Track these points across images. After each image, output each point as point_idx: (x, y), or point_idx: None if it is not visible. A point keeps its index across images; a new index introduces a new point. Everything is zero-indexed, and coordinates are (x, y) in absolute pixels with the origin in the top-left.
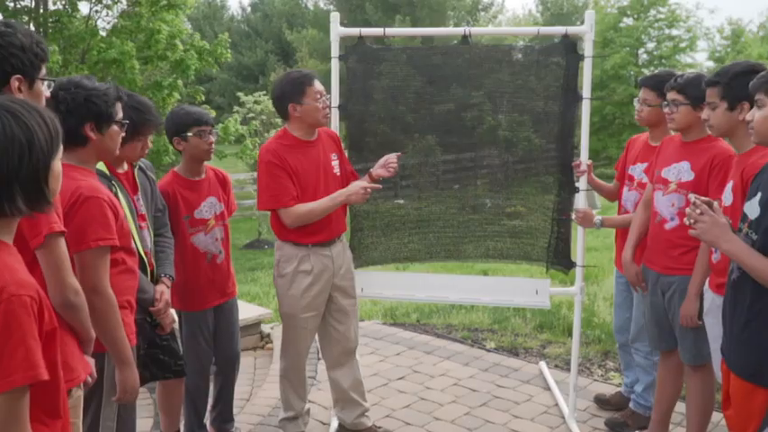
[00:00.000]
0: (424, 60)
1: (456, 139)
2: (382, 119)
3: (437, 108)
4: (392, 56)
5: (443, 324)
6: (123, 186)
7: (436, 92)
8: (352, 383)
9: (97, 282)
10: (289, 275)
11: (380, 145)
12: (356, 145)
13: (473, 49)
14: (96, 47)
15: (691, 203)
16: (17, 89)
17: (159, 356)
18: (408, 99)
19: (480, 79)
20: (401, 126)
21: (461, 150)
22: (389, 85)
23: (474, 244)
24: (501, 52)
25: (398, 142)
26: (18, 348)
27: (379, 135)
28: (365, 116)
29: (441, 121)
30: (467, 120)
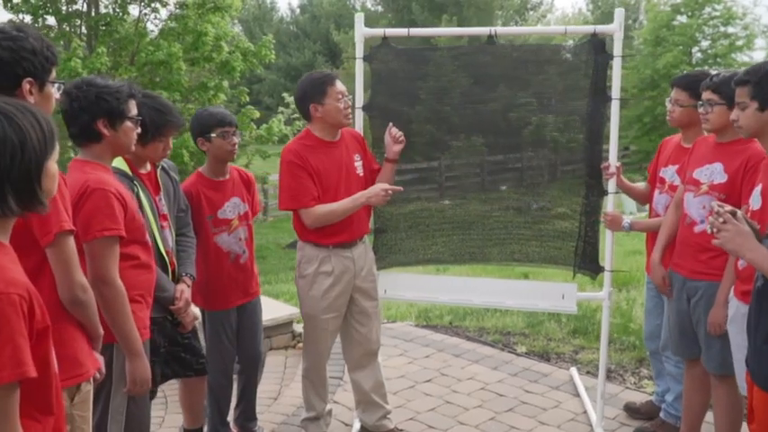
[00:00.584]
0: (451, 61)
1: (502, 139)
2: (425, 119)
3: (479, 108)
4: (423, 57)
5: (476, 327)
6: (145, 186)
7: (459, 92)
8: (374, 385)
9: (105, 272)
10: (309, 276)
11: (426, 145)
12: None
13: (499, 49)
14: (144, 49)
15: (713, 212)
16: (28, 92)
17: (181, 354)
18: (428, 99)
19: (509, 79)
20: (434, 127)
21: (508, 151)
22: (423, 86)
23: (499, 247)
24: (530, 52)
25: (442, 142)
26: (6, 346)
27: (424, 135)
28: (410, 116)
29: (485, 121)
30: (512, 120)
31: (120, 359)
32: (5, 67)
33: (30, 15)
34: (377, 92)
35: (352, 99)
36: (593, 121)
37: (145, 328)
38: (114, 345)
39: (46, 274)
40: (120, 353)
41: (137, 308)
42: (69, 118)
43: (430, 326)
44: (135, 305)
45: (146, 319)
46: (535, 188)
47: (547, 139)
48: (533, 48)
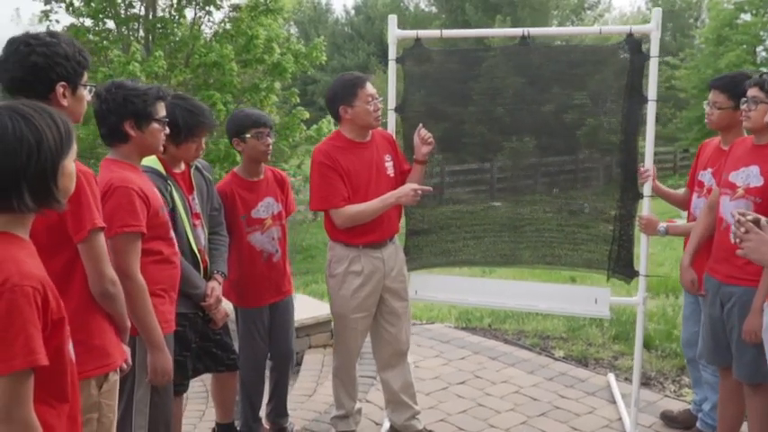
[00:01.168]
0: (504, 61)
1: (553, 141)
2: (477, 120)
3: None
4: (476, 57)
5: (515, 330)
6: (179, 185)
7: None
8: (403, 385)
9: (126, 266)
10: (339, 276)
11: (476, 146)
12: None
13: (553, 50)
14: (198, 51)
15: (734, 221)
16: (62, 95)
17: (212, 350)
18: (456, 100)
19: (563, 80)
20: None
21: (559, 153)
22: (475, 87)
23: (531, 250)
24: (588, 52)
25: (494, 143)
26: (19, 335)
27: (476, 136)
28: (463, 117)
29: (538, 122)
30: (566, 121)
31: (142, 351)
32: (40, 72)
33: (90, 19)
34: (410, 93)
35: (385, 100)
36: (628, 123)
37: (167, 322)
38: (137, 337)
39: (78, 269)
40: (143, 345)
41: (158, 302)
42: (99, 119)
43: (469, 328)
44: (157, 299)
45: (167, 312)
46: (587, 190)
47: (600, 140)
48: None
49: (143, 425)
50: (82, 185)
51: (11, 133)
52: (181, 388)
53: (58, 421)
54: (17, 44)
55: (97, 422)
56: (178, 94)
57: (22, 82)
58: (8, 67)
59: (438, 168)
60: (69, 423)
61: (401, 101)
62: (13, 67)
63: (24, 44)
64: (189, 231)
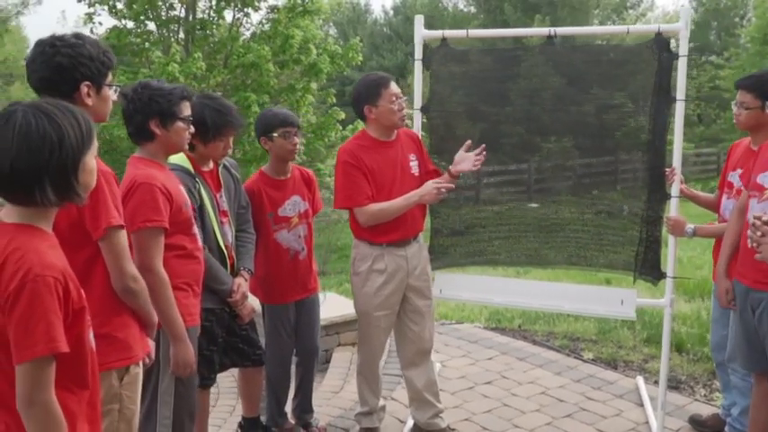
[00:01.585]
0: (544, 61)
1: (591, 141)
2: (515, 121)
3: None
4: (515, 57)
5: (545, 331)
6: (207, 183)
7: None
8: (426, 383)
9: (148, 261)
10: (363, 274)
11: (515, 147)
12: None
13: (593, 49)
14: (236, 52)
15: (749, 225)
16: (86, 94)
17: (238, 345)
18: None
19: (603, 80)
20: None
21: (599, 154)
22: (514, 87)
23: (556, 250)
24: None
25: (534, 144)
26: (40, 323)
27: (515, 136)
28: (500, 117)
29: (577, 123)
30: (606, 122)
31: (166, 344)
32: (65, 73)
33: (132, 21)
34: (436, 93)
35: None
36: (656, 123)
37: (190, 315)
38: (161, 330)
39: (100, 265)
40: (167, 338)
41: (181, 295)
42: (126, 118)
43: (498, 328)
44: (179, 293)
45: (190, 306)
46: (614, 191)
47: (629, 140)
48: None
49: (168, 415)
50: (101, 185)
51: (34, 131)
52: (208, 382)
53: (79, 407)
54: (44, 46)
55: (118, 413)
56: (206, 94)
57: (48, 82)
58: (35, 68)
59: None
60: (89, 409)
61: (427, 100)
62: (39, 68)
63: (50, 45)
64: (216, 228)
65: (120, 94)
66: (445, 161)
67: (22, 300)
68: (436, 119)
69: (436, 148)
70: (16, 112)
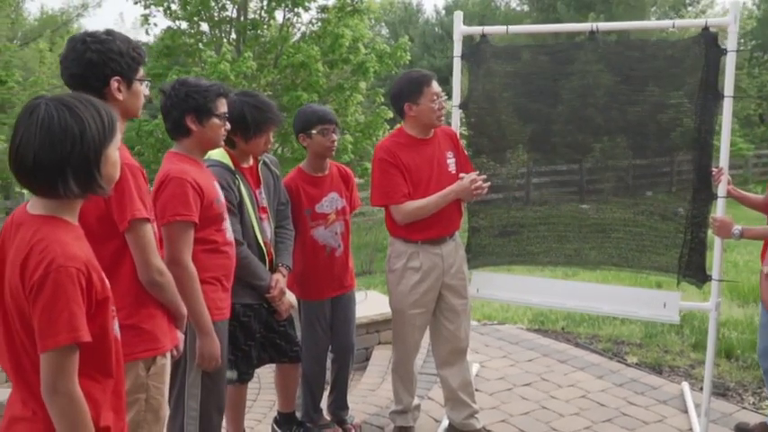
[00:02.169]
0: (597, 58)
1: (642, 140)
2: (566, 120)
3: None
4: (568, 56)
5: (588, 334)
6: (246, 180)
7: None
8: (461, 383)
9: (177, 254)
10: (398, 271)
11: (567, 146)
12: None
13: (651, 45)
14: (287, 52)
15: None
16: (117, 89)
17: (276, 341)
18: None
19: (659, 78)
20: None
21: (655, 155)
22: (566, 85)
23: (597, 250)
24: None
25: (585, 144)
26: (63, 312)
27: (566, 136)
28: (552, 116)
29: (631, 122)
30: (662, 122)
31: (193, 337)
32: (95, 68)
33: (185, 22)
34: (474, 90)
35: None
36: (702, 121)
37: (218, 309)
38: (188, 324)
39: (127, 257)
40: (194, 331)
41: (210, 289)
42: (164, 114)
43: (541, 330)
44: (208, 287)
45: (219, 300)
46: (635, 192)
47: (688, 139)
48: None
49: (195, 408)
50: (126, 177)
51: (56, 123)
52: (245, 377)
53: (103, 395)
54: (75, 42)
55: (145, 402)
56: (246, 91)
57: (80, 77)
58: (67, 64)
59: (524, 169)
60: (114, 398)
61: (465, 98)
62: (71, 64)
63: (81, 42)
64: (255, 225)
65: (159, 90)
66: (489, 159)
67: (46, 290)
68: (478, 116)
69: (476, 146)
70: (39, 105)
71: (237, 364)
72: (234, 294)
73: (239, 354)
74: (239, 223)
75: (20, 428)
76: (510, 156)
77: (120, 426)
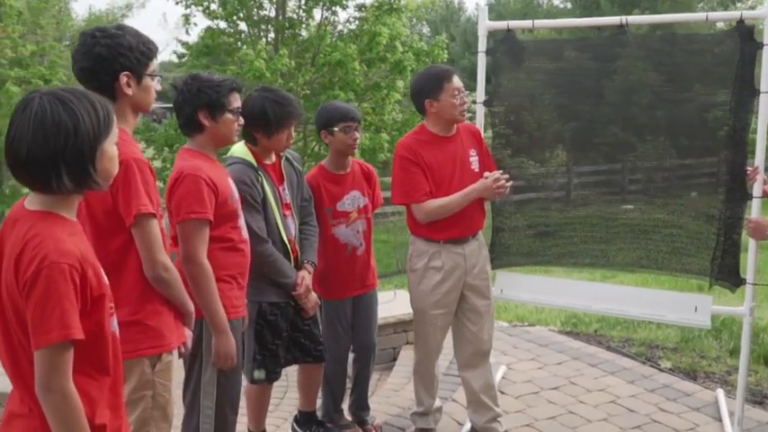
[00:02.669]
0: (641, 54)
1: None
2: (608, 120)
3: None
4: (612, 53)
5: (622, 337)
6: (269, 176)
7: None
8: (483, 386)
9: (192, 251)
10: (419, 271)
11: (610, 146)
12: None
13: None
14: (324, 51)
15: None
16: (126, 84)
17: (301, 340)
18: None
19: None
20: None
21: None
22: (609, 84)
23: (624, 252)
24: None
25: (629, 144)
26: (54, 310)
27: (608, 136)
28: (594, 116)
29: (676, 121)
30: (708, 121)
31: (209, 335)
32: (104, 62)
33: (224, 21)
34: (499, 86)
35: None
36: (737, 118)
37: (234, 308)
38: (203, 321)
39: (133, 254)
40: (209, 329)
41: (225, 287)
42: (176, 110)
43: (573, 332)
44: (223, 284)
45: (234, 298)
46: (664, 193)
47: (721, 137)
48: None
49: (210, 406)
50: (133, 173)
51: (49, 117)
52: (273, 376)
53: (99, 393)
54: (86, 37)
55: (152, 399)
56: (266, 86)
57: (89, 72)
58: (78, 58)
59: (564, 168)
60: (111, 395)
61: (490, 94)
62: (81, 58)
63: (91, 36)
64: (279, 221)
65: (170, 85)
66: (590, 163)
67: (38, 286)
68: (500, 113)
69: (502, 144)
70: (33, 99)
71: (265, 364)
72: (260, 293)
73: (266, 353)
74: (263, 220)
75: (17, 424)
76: (549, 155)
77: (116, 424)
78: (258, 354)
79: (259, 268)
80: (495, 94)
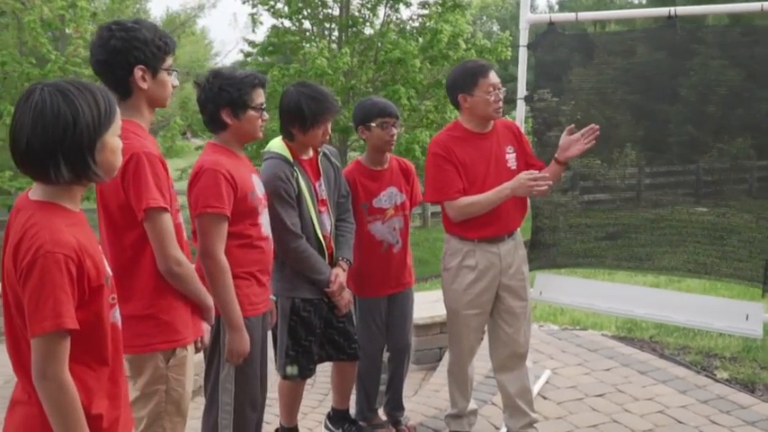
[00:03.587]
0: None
1: None
2: (684, 119)
3: None
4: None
5: (678, 345)
6: (305, 172)
7: None
8: (519, 390)
9: (208, 246)
10: (452, 270)
11: (683, 145)
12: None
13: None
14: (385, 48)
15: None
16: (141, 78)
17: (335, 338)
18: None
19: None
20: None
21: None
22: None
23: (670, 255)
24: None
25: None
26: (48, 299)
27: (683, 135)
28: (669, 115)
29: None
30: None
31: (226, 332)
32: (118, 55)
33: (288, 20)
34: (542, 81)
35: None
36: None
37: (251, 305)
38: (221, 318)
39: (147, 248)
40: None
41: (243, 284)
42: (200, 107)
43: (626, 338)
44: (241, 281)
45: (252, 295)
46: (718, 194)
47: None
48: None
49: (229, 402)
50: (143, 167)
51: (48, 109)
52: (306, 372)
53: (97, 383)
54: (102, 30)
55: (165, 394)
56: (302, 81)
57: (104, 65)
58: (94, 51)
59: (635, 169)
60: (110, 385)
61: (532, 89)
62: (97, 51)
63: (107, 30)
64: (314, 217)
65: (194, 83)
66: (666, 163)
67: (34, 275)
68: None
69: (539, 139)
70: (35, 90)
71: (298, 360)
72: (294, 288)
73: (300, 349)
74: (297, 216)
75: (18, 411)
76: (618, 155)
77: (114, 414)
78: (291, 350)
79: (293, 264)
80: (562, 91)
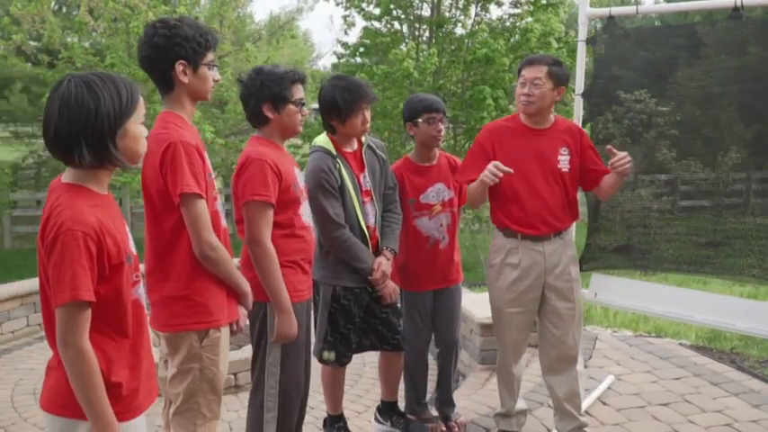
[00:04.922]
0: None
1: None
2: None
3: None
4: None
5: (761, 357)
6: (348, 164)
7: None
8: (567, 394)
9: (255, 232)
10: (496, 267)
11: None
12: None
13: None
14: (473, 47)
15: None
16: (182, 72)
17: (378, 327)
18: None
19: None
20: None
21: None
22: None
23: (733, 258)
24: None
25: None
26: (66, 272)
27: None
28: None
29: None
30: None
31: (274, 317)
32: (161, 51)
33: (378, 21)
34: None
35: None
36: None
37: (296, 291)
38: (268, 304)
39: (185, 232)
40: (274, 312)
41: (288, 272)
42: (243, 102)
43: (703, 348)
44: (286, 270)
45: (297, 283)
46: None
47: None
48: None
49: (274, 385)
50: (179, 154)
51: (73, 99)
52: (343, 360)
53: (118, 353)
54: (148, 28)
55: (199, 372)
56: (337, 75)
57: (149, 60)
58: (140, 48)
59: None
60: (132, 356)
61: (589, 85)
62: (142, 47)
63: (152, 27)
64: (357, 208)
65: (236, 79)
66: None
67: (56, 251)
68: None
69: (667, 145)
70: (63, 82)
71: (336, 346)
72: (336, 276)
73: (338, 336)
74: (341, 207)
75: (51, 375)
76: (721, 158)
77: (134, 384)
78: (330, 336)
79: (336, 253)
80: (664, 91)
